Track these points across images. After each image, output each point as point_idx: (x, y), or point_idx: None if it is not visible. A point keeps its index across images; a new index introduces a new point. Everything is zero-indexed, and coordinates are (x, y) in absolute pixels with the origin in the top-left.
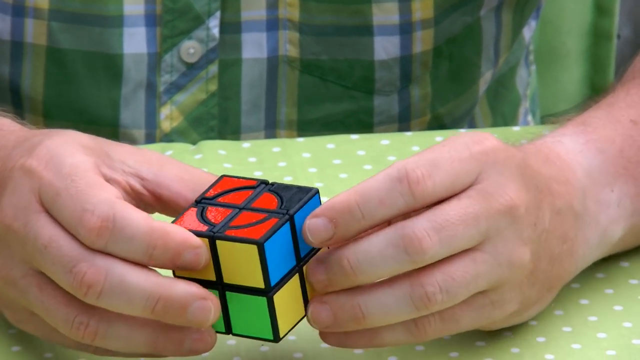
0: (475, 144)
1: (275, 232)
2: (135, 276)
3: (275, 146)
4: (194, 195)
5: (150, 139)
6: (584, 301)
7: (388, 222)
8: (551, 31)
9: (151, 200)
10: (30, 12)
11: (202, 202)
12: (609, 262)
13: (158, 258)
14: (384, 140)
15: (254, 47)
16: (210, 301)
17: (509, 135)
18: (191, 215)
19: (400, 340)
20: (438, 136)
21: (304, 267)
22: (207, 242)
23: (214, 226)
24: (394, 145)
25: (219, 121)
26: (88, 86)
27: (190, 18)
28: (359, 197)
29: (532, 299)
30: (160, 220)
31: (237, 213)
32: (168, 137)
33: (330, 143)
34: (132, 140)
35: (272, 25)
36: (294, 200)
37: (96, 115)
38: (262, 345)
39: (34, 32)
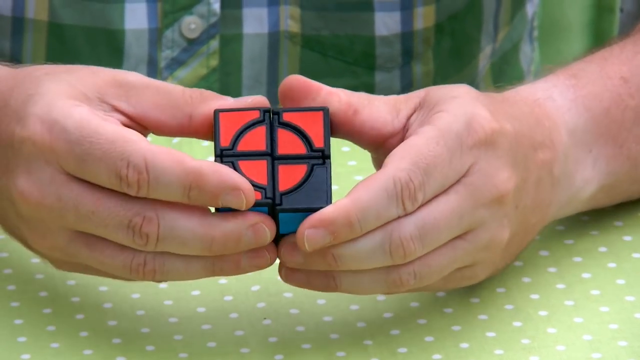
0: (469, 135)
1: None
2: (185, 221)
3: None
4: (174, 121)
5: None
6: (586, 275)
7: None
8: (553, 3)
9: (139, 130)
10: None
11: (226, 157)
12: (611, 235)
13: (197, 199)
14: None
15: (255, 22)
16: (262, 223)
17: None
18: None
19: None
20: None
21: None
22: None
23: (265, 189)
24: None
25: None
26: (89, 62)
27: None
28: (359, 212)
29: (500, 268)
30: (199, 160)
31: (274, 167)
32: None
33: None
34: None
35: (273, 0)
36: (315, 131)
37: None
38: (265, 318)
39: (36, 7)
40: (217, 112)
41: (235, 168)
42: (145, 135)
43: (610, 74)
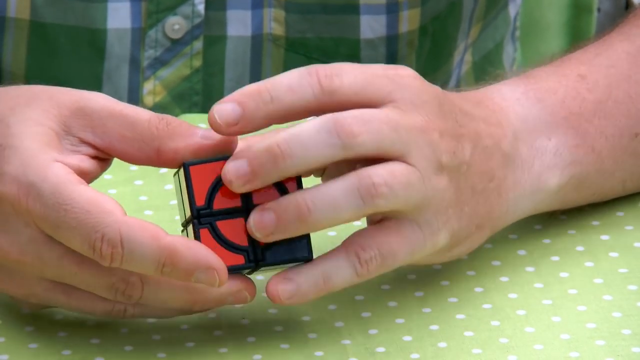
0: (390, 68)
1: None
2: (168, 286)
3: None
4: (142, 153)
5: None
6: (563, 274)
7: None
8: (532, 3)
9: (106, 158)
10: None
11: (204, 217)
12: (588, 234)
13: (170, 275)
14: None
15: (238, 25)
16: (244, 290)
17: None
18: (208, 239)
19: (347, 280)
20: None
21: None
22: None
23: (248, 252)
24: None
25: (202, 97)
26: (70, 60)
27: None
28: (269, 83)
29: (462, 235)
30: (174, 236)
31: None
32: None
33: None
34: None
35: (258, 3)
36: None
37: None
38: (243, 318)
39: (17, 6)
40: (187, 167)
41: (214, 230)
42: (111, 161)
43: (566, 71)
